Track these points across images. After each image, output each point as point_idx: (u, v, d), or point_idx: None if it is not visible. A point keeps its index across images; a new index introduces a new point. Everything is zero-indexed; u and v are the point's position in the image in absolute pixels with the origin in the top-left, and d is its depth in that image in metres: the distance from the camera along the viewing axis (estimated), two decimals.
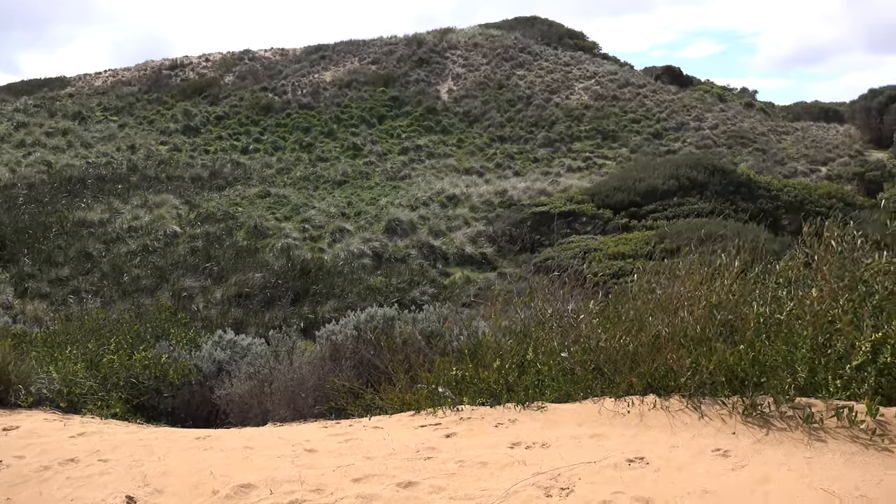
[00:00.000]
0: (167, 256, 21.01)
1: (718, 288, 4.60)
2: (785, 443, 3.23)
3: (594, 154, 35.35)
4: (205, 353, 6.52)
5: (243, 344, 6.99)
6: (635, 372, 4.13)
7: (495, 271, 21.03)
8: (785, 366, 3.64)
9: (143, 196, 26.38)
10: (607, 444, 3.46)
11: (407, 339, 5.54)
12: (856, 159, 34.15)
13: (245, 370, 5.94)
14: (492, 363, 4.83)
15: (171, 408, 6.12)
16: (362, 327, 5.88)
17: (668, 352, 4.04)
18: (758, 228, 21.21)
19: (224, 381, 6.06)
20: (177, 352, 6.70)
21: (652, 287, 5.55)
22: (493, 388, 4.61)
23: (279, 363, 5.82)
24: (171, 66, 45.65)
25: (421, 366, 5.09)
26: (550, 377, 4.55)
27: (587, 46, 55.17)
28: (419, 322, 5.81)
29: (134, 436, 4.59)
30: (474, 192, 27.54)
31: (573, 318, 5.20)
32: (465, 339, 5.36)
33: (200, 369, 6.35)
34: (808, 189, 25.53)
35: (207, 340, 6.97)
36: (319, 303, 17.79)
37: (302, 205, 26.03)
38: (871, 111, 39.97)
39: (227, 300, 18.46)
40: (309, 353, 6.28)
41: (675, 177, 24.58)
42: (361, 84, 42.23)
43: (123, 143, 35.08)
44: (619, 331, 4.58)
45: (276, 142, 36.10)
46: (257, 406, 5.65)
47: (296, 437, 4.22)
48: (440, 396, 4.64)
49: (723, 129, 39.00)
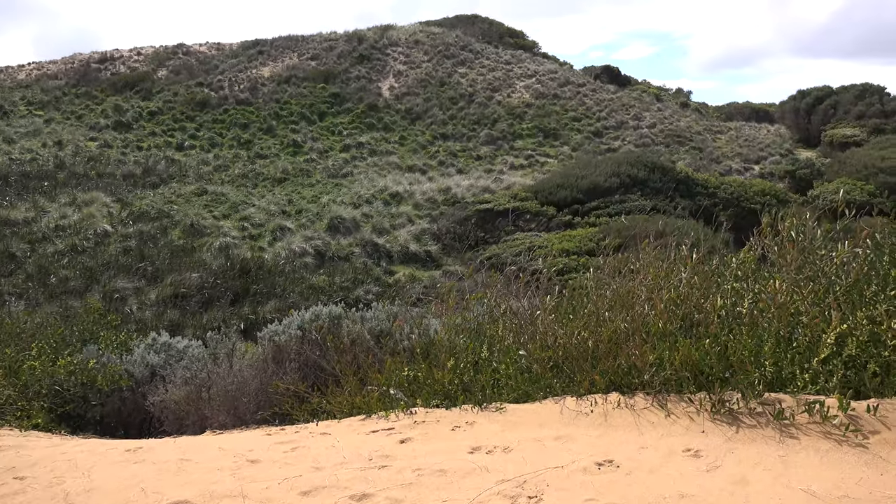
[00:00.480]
0: (97, 256, 20.08)
1: (677, 281, 4.47)
2: (757, 441, 3.10)
3: (536, 152, 35.53)
4: (137, 358, 6.10)
5: (179, 347, 6.59)
6: (596, 369, 3.96)
7: (440, 269, 20.83)
8: (751, 360, 3.52)
9: (72, 194, 25.22)
10: (573, 447, 3.27)
11: (355, 338, 5.26)
12: (786, 158, 35.26)
13: (181, 374, 5.55)
14: (446, 362, 4.60)
15: (99, 417, 5.69)
16: (307, 327, 5.57)
17: (631, 348, 3.89)
18: (697, 224, 21.61)
19: (158, 386, 5.66)
20: (106, 356, 6.26)
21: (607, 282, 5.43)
22: (448, 389, 4.39)
23: (218, 366, 5.46)
24: (101, 60, 43.92)
25: (371, 367, 4.83)
26: (507, 376, 4.34)
27: (527, 45, 55.59)
28: (367, 321, 5.54)
29: (56, 449, 4.19)
30: (418, 190, 27.29)
31: (528, 314, 5.01)
32: (417, 337, 5.11)
33: (132, 375, 5.93)
34: (743, 186, 26.17)
35: (140, 343, 6.54)
36: (260, 303, 17.26)
37: (241, 203, 25.32)
38: (799, 111, 41.39)
39: (163, 301, 17.73)
40: (250, 355, 5.94)
41: (617, 174, 24.85)
42: (301, 80, 41.48)
43: (49, 138, 33.50)
44: (577, 327, 4.41)
45: (212, 138, 35.09)
46: (195, 413, 5.28)
47: (237, 447, 3.90)
48: (392, 399, 4.39)
49: (660, 128, 39.77)
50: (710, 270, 4.64)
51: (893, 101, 40.11)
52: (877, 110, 38.93)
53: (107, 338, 6.68)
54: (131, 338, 6.86)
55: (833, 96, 40.99)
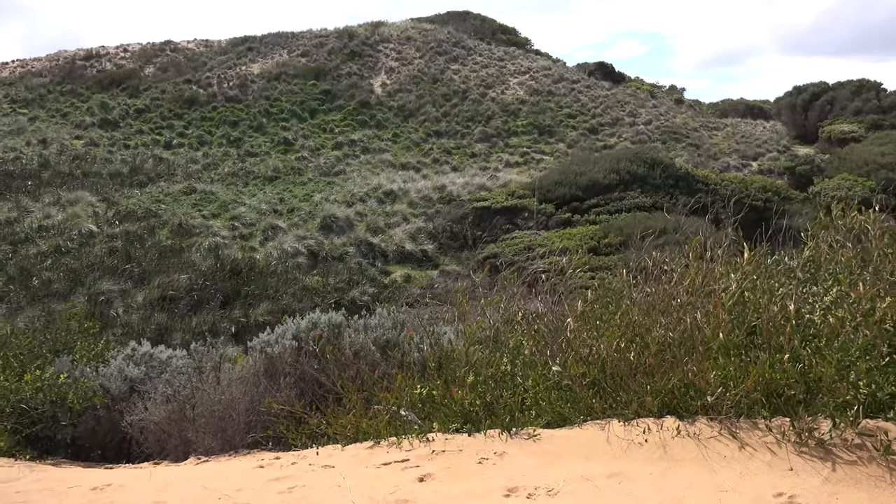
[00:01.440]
0: (82, 258, 19.36)
1: (729, 284, 3.88)
2: (862, 482, 2.53)
3: (532, 149, 34.97)
4: (113, 370, 5.47)
5: (162, 357, 5.96)
6: (647, 388, 3.38)
7: (437, 269, 20.24)
8: (841, 379, 2.94)
9: (56, 193, 24.47)
10: (634, 490, 2.69)
11: (358, 350, 4.66)
12: (785, 154, 34.84)
13: (162, 391, 4.94)
14: (464, 378, 4.00)
15: (71, 439, 5.07)
16: (303, 337, 4.97)
17: (688, 363, 3.30)
18: (700, 222, 21.09)
19: (136, 404, 5.05)
20: (80, 370, 5.63)
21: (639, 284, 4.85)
22: (469, 411, 3.79)
23: (203, 382, 4.85)
24: (86, 57, 43.05)
25: (377, 383, 4.23)
26: (537, 395, 3.75)
27: (520, 42, 55.04)
28: (372, 329, 4.94)
29: (10, 486, 3.57)
30: (412, 188, 26.67)
31: (554, 320, 4.42)
32: (429, 348, 4.51)
33: (108, 390, 5.31)
34: (744, 183, 25.69)
35: (118, 354, 5.91)
36: (252, 305, 16.60)
37: (231, 201, 24.63)
38: (796, 107, 40.98)
39: (150, 304, 17.04)
40: (240, 367, 5.32)
41: (616, 171, 24.31)
42: (291, 77, 40.75)
43: (34, 136, 32.68)
44: (615, 336, 3.83)
45: (201, 136, 34.33)
46: (177, 435, 4.67)
47: (223, 484, 3.30)
48: (404, 422, 3.79)
49: (656, 125, 39.29)
50: (771, 270, 4.04)
51: (890, 97, 39.77)
52: (874, 106, 38.58)
53: (82, 348, 6.05)
54: (109, 347, 6.22)
55: (829, 92, 40.61)
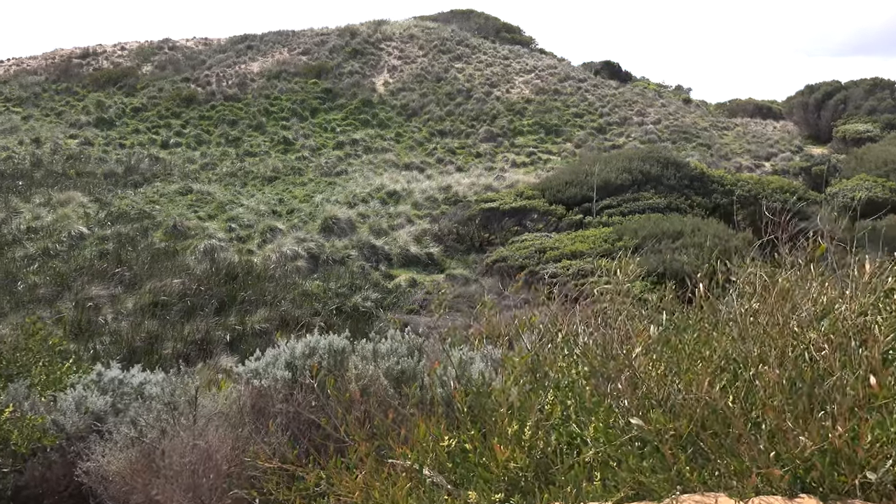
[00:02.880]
0: (71, 261, 18.44)
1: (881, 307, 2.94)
2: None
3: (538, 149, 34.08)
4: (70, 402, 4.54)
5: (134, 383, 5.03)
6: (770, 454, 2.45)
7: (443, 273, 19.32)
8: None
9: (47, 193, 23.58)
10: None
11: (367, 384, 3.75)
12: (799, 154, 33.92)
13: (125, 432, 4.01)
14: (506, 427, 3.08)
15: (15, 488, 4.15)
16: (298, 365, 4.05)
17: (831, 422, 2.37)
18: (718, 224, 20.19)
19: (96, 446, 4.13)
20: (33, 399, 4.70)
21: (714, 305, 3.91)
22: (517, 475, 2.86)
23: (176, 419, 3.93)
24: (83, 55, 42.18)
25: (392, 431, 3.29)
26: (610, 455, 2.82)
27: (524, 41, 54.23)
28: (383, 357, 4.01)
29: None
30: (416, 188, 25.76)
31: (616, 350, 3.48)
32: (457, 384, 3.58)
33: (63, 428, 4.39)
34: (761, 184, 24.76)
35: (81, 379, 4.99)
36: (248, 311, 15.69)
37: (228, 202, 23.72)
38: (808, 107, 40.08)
39: (141, 310, 16.12)
40: (223, 397, 4.40)
41: (629, 170, 23.39)
42: (292, 75, 39.87)
43: (27, 136, 31.81)
44: (707, 375, 2.89)
45: (199, 135, 33.44)
46: (141, 489, 3.75)
47: None
48: (430, 490, 2.87)
49: (665, 124, 38.39)
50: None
51: None
52: (889, 105, 37.67)
53: (39, 372, 5.13)
54: (71, 370, 5.28)
55: (843, 91, 39.70)
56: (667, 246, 18.60)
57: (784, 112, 43.29)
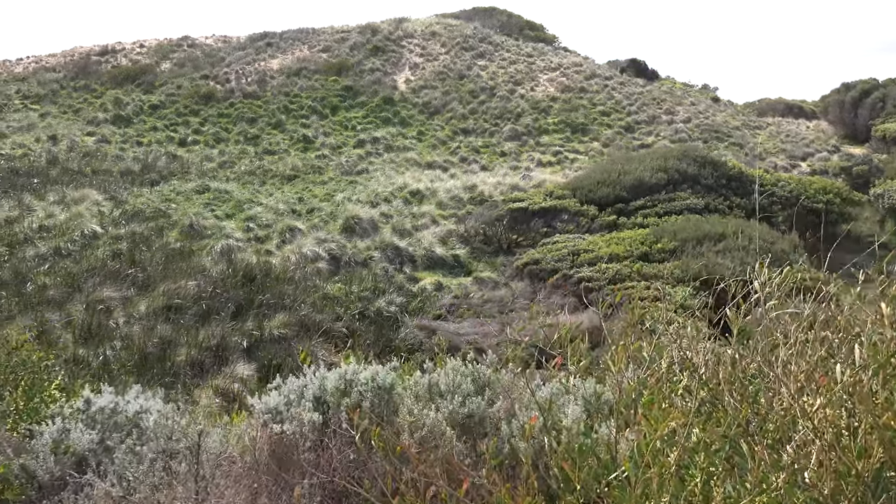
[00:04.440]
0: (83, 261, 17.69)
1: None
2: None
3: (564, 148, 33.02)
4: (47, 440, 3.65)
5: (129, 412, 4.12)
6: None
7: (470, 276, 18.36)
8: None
9: (62, 191, 22.92)
10: None
11: (426, 435, 2.80)
12: (837, 154, 32.59)
13: (107, 489, 3.10)
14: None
15: None
16: (331, 402, 3.10)
17: None
18: (762, 226, 19.08)
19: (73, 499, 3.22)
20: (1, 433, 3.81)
21: None
22: None
23: (174, 476, 3.01)
24: (102, 52, 41.69)
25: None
26: None
27: (547, 39, 53.20)
28: (444, 397, 3.01)
29: None
30: (440, 188, 24.82)
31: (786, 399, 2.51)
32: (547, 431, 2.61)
33: (34, 476, 3.49)
34: (802, 184, 23.56)
35: (64, 407, 4.08)
36: (267, 316, 14.80)
37: (246, 201, 22.91)
38: (844, 105, 38.67)
39: (154, 313, 15.28)
40: (234, 439, 3.48)
41: (664, 169, 22.30)
42: (312, 73, 39.10)
43: (44, 133, 31.26)
44: None
45: (218, 133, 32.74)
46: None
47: None
48: None
49: (696, 123, 37.18)
50: None
51: None
52: None
53: (16, 399, 4.24)
54: (49, 398, 4.37)
55: (880, 89, 38.23)
56: (709, 249, 17.52)
57: (819, 111, 41.87)
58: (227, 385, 12.35)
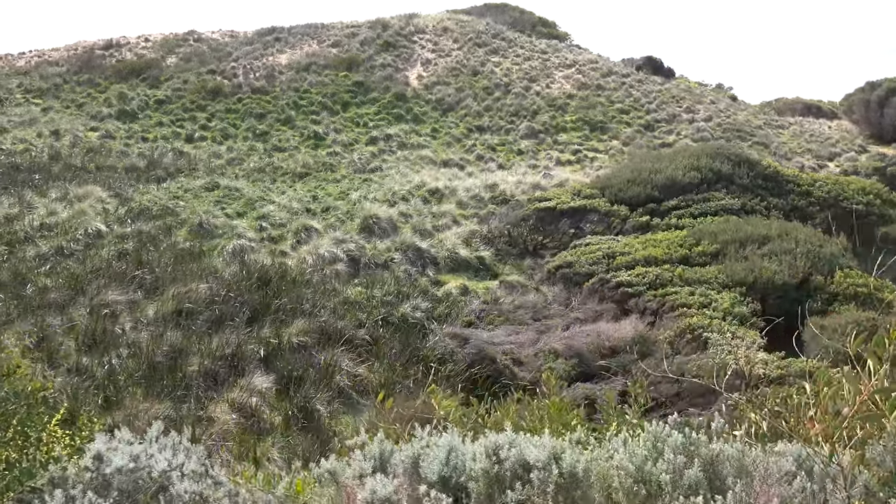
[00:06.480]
0: (87, 261, 16.62)
1: None
2: None
3: (583, 146, 31.94)
4: None
5: (153, 469, 3.07)
6: None
7: (497, 279, 17.28)
8: None
9: (64, 188, 21.88)
10: None
11: None
12: (867, 155, 31.48)
13: None
14: None
15: None
16: (474, 492, 2.01)
17: None
18: (808, 229, 17.99)
19: None
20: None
21: None
22: None
23: None
24: (106, 46, 40.66)
25: None
26: None
27: (560, 36, 52.16)
28: (670, 493, 1.93)
29: None
30: (460, 186, 23.74)
31: None
32: None
33: None
34: (840, 185, 22.45)
35: (66, 468, 3.03)
36: (284, 322, 13.72)
37: (258, 199, 21.85)
38: (870, 104, 37.54)
39: (163, 319, 14.17)
40: None
41: (697, 168, 21.20)
42: (321, 68, 38.04)
43: (46, 128, 30.24)
44: None
45: (225, 129, 31.69)
46: None
47: None
48: None
49: (717, 122, 36.09)
50: None
51: None
52: None
53: (6, 452, 3.18)
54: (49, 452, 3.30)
55: None
56: (752, 252, 16.44)
57: (842, 111, 40.77)
58: (244, 399, 11.26)
